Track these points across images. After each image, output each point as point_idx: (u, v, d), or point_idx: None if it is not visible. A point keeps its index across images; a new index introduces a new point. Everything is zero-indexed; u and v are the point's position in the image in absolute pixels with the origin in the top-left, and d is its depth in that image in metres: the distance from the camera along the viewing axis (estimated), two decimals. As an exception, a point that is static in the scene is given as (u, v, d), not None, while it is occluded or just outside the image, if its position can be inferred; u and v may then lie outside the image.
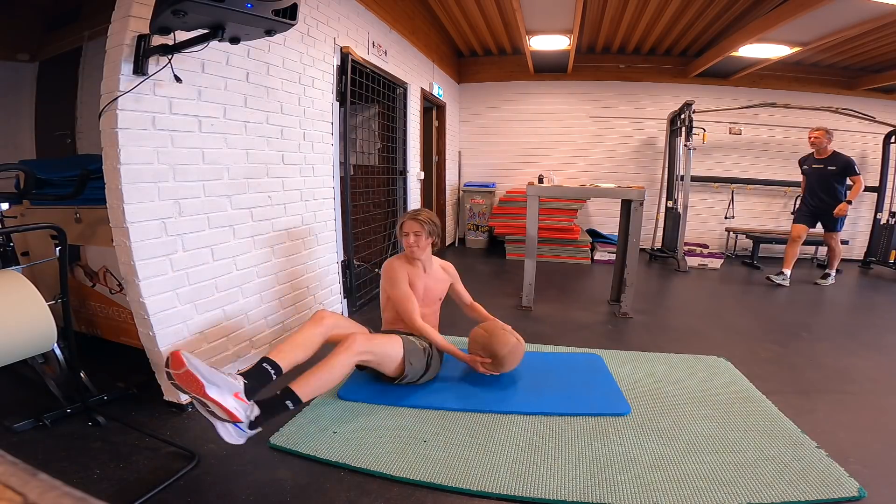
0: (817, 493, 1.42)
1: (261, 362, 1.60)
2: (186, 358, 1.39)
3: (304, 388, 1.61)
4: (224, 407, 1.39)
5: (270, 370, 1.59)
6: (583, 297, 3.88)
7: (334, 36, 2.88)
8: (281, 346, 1.69)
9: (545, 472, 1.53)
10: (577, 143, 6.25)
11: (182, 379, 1.38)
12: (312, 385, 1.64)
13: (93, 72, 2.68)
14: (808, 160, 4.40)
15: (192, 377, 1.37)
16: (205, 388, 1.38)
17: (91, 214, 2.13)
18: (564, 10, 3.90)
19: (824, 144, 4.18)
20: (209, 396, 1.38)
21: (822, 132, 4.17)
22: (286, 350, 1.68)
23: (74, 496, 0.28)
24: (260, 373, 1.57)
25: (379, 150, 3.98)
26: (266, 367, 1.59)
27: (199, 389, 1.37)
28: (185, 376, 1.37)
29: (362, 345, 1.78)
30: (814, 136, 4.21)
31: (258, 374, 1.56)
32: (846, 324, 3.41)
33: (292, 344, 1.72)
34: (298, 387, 1.60)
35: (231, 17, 1.38)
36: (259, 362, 1.60)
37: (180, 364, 1.38)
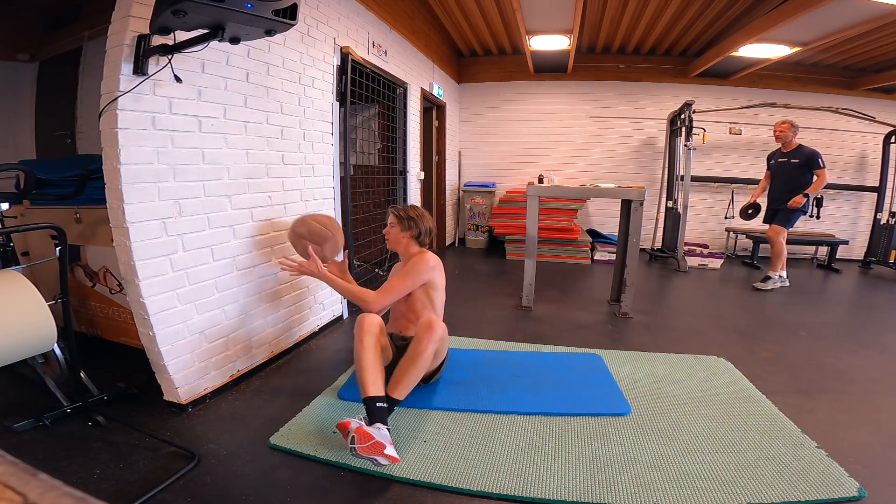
0: (817, 493, 1.42)
1: (372, 403, 1.64)
2: (370, 430, 1.50)
3: (404, 391, 1.74)
4: (393, 458, 1.50)
5: (384, 405, 1.66)
6: (583, 297, 3.88)
7: (334, 36, 2.88)
8: (367, 379, 1.68)
9: (545, 472, 1.53)
10: (577, 143, 6.25)
11: (368, 449, 1.47)
12: (410, 385, 1.76)
13: (93, 72, 2.68)
14: (774, 155, 4.31)
15: (377, 445, 1.47)
16: (385, 449, 1.49)
17: (91, 214, 2.13)
18: (564, 10, 3.90)
19: (790, 138, 4.09)
20: (387, 455, 1.49)
21: (788, 125, 4.07)
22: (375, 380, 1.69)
23: (74, 496, 0.28)
24: (380, 412, 1.63)
25: (379, 150, 3.98)
26: (380, 405, 1.64)
27: (380, 451, 1.48)
28: (372, 447, 1.47)
29: (441, 330, 1.84)
30: (779, 130, 4.12)
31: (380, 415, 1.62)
32: (846, 324, 3.41)
33: (373, 371, 1.71)
34: (398, 392, 1.73)
35: (231, 17, 1.38)
36: (370, 403, 1.64)
37: (368, 437, 1.48)
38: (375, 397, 1.64)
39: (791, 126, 4.07)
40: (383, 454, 1.48)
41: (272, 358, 2.39)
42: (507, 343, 2.70)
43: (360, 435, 1.48)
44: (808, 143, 5.79)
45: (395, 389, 1.72)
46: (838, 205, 5.93)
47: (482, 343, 2.68)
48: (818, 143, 5.81)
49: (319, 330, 2.84)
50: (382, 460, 1.49)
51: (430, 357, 1.78)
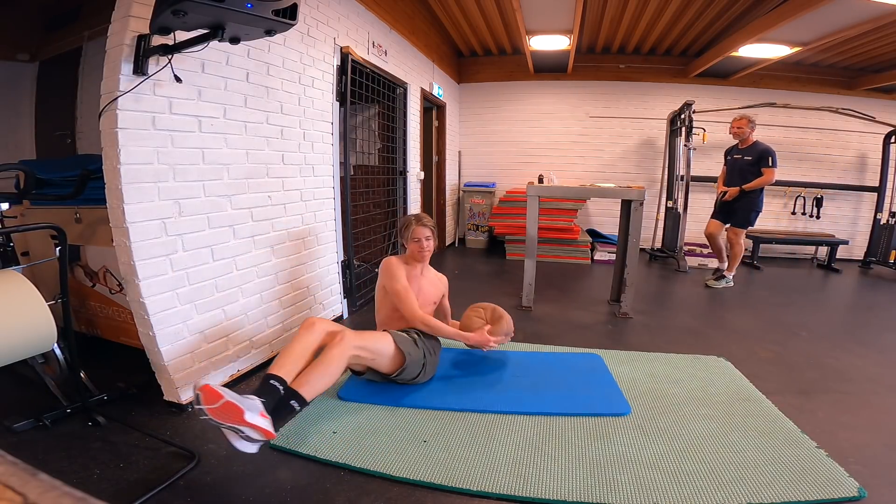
0: (817, 493, 1.42)
1: (267, 379, 1.60)
2: (220, 390, 1.38)
3: (306, 388, 1.63)
4: (261, 428, 1.39)
5: (278, 385, 1.60)
6: (583, 297, 3.88)
7: (334, 36, 2.88)
8: (280, 361, 1.68)
9: (545, 472, 1.53)
10: (577, 143, 6.25)
11: (220, 411, 1.35)
12: (313, 383, 1.65)
13: (93, 72, 2.68)
14: (731, 151, 4.21)
15: (231, 406, 1.36)
16: (244, 414, 1.36)
17: (91, 214, 2.13)
18: (564, 10, 3.90)
19: (747, 134, 3.99)
20: (248, 422, 1.37)
21: (745, 121, 3.96)
22: (286, 363, 1.68)
23: (74, 496, 0.28)
24: (270, 390, 1.57)
25: (379, 150, 3.98)
26: (274, 383, 1.60)
27: (238, 417, 1.35)
28: (223, 408, 1.35)
29: (353, 339, 1.79)
30: (735, 127, 4.01)
31: (269, 391, 1.56)
32: (846, 324, 3.42)
33: (291, 356, 1.70)
34: (300, 386, 1.62)
35: (231, 17, 1.38)
36: (265, 379, 1.61)
37: (217, 397, 1.36)
38: (273, 374, 1.61)
39: (748, 122, 3.97)
40: (244, 421, 1.35)
41: (272, 358, 2.38)
42: (507, 343, 2.69)
43: (204, 393, 1.32)
44: (808, 143, 5.85)
45: (299, 381, 1.64)
46: (838, 205, 5.93)
47: (482, 343, 2.68)
48: (818, 143, 5.84)
49: (319, 330, 2.84)
50: (250, 431, 1.36)
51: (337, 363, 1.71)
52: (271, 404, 1.53)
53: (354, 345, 1.78)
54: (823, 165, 5.87)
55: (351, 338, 1.78)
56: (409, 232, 2.24)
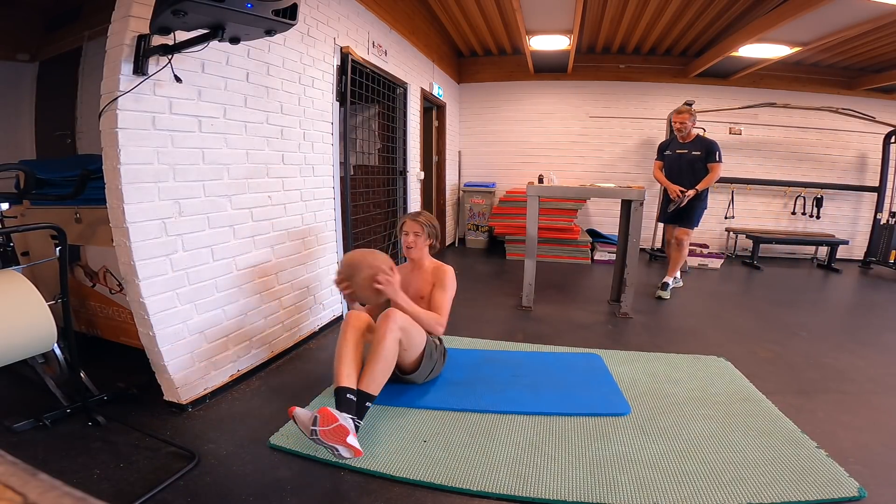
0: (817, 493, 1.42)
1: (343, 394, 1.63)
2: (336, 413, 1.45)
3: (373, 385, 1.70)
4: (355, 448, 1.47)
5: (352, 397, 1.64)
6: (583, 297, 3.88)
7: (334, 36, 2.88)
8: (342, 370, 1.70)
9: (545, 472, 1.53)
10: (577, 143, 6.25)
11: (331, 433, 1.42)
12: (377, 378, 1.71)
13: (93, 72, 2.68)
14: (670, 145, 3.87)
15: (340, 429, 1.43)
16: (348, 437, 1.44)
17: (91, 214, 2.13)
18: (564, 10, 3.90)
19: (689, 128, 3.72)
20: (348, 444, 1.45)
21: (688, 114, 3.68)
22: (349, 372, 1.70)
23: (74, 496, 0.28)
24: (349, 403, 1.62)
25: (379, 150, 3.98)
26: (350, 397, 1.63)
27: (342, 439, 1.43)
28: (335, 430, 1.42)
29: (401, 319, 1.81)
30: (679, 122, 3.70)
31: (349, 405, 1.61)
32: (846, 324, 3.42)
33: (349, 363, 1.73)
34: (367, 386, 1.68)
35: (231, 17, 1.38)
36: (340, 394, 1.64)
37: (332, 419, 1.43)
38: (346, 388, 1.64)
39: (690, 115, 3.70)
40: (345, 443, 1.43)
41: (272, 358, 2.39)
42: (507, 343, 2.69)
43: (323, 416, 1.43)
44: (808, 143, 5.85)
45: (363, 382, 1.70)
46: (838, 205, 5.94)
47: (482, 343, 2.68)
48: (818, 143, 5.84)
49: (319, 330, 2.85)
50: (344, 451, 1.45)
51: (392, 346, 1.75)
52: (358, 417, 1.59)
53: (401, 324, 1.81)
54: (823, 165, 5.87)
55: (400, 318, 1.80)
56: (401, 225, 2.26)
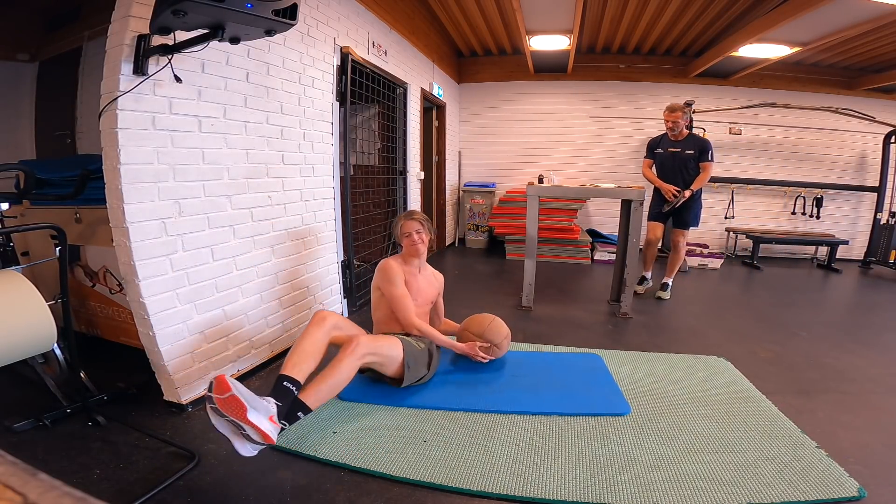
0: (817, 493, 1.42)
1: (280, 381, 1.60)
2: (232, 383, 1.38)
3: (314, 397, 1.64)
4: (262, 430, 1.38)
5: (291, 387, 1.60)
6: (583, 297, 3.88)
7: (334, 36, 2.88)
8: (292, 359, 1.68)
9: (545, 472, 1.53)
10: (577, 143, 6.25)
11: (225, 403, 1.36)
12: (322, 393, 1.66)
13: (93, 72, 2.68)
14: (662, 142, 3.74)
15: (236, 401, 1.36)
16: (247, 412, 1.36)
17: (91, 214, 2.13)
18: (564, 10, 3.90)
19: (682, 126, 3.62)
20: (249, 421, 1.36)
21: (680, 112, 3.58)
22: (298, 362, 1.67)
23: (74, 496, 0.28)
24: (283, 392, 1.57)
25: (379, 150, 3.98)
26: (287, 385, 1.60)
27: (241, 414, 1.36)
28: (229, 401, 1.36)
29: (366, 346, 1.79)
30: (671, 121, 3.58)
31: (282, 394, 1.57)
32: (846, 324, 3.42)
33: (302, 354, 1.70)
34: (307, 396, 1.63)
35: (231, 17, 1.38)
36: (279, 381, 1.61)
37: (226, 388, 1.36)
38: (288, 377, 1.61)
39: (683, 113, 3.60)
40: (247, 419, 1.34)
41: (272, 358, 2.39)
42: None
43: (218, 383, 1.34)
44: (808, 143, 5.85)
45: (306, 392, 1.63)
46: (838, 205, 5.94)
47: (482, 343, 2.68)
48: (818, 143, 5.84)
49: (319, 330, 2.84)
50: (251, 432, 1.36)
51: (347, 371, 1.71)
52: (285, 408, 1.54)
53: (366, 352, 1.79)
54: (823, 165, 5.87)
55: (364, 346, 1.78)
56: (399, 229, 2.27)
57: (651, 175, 3.81)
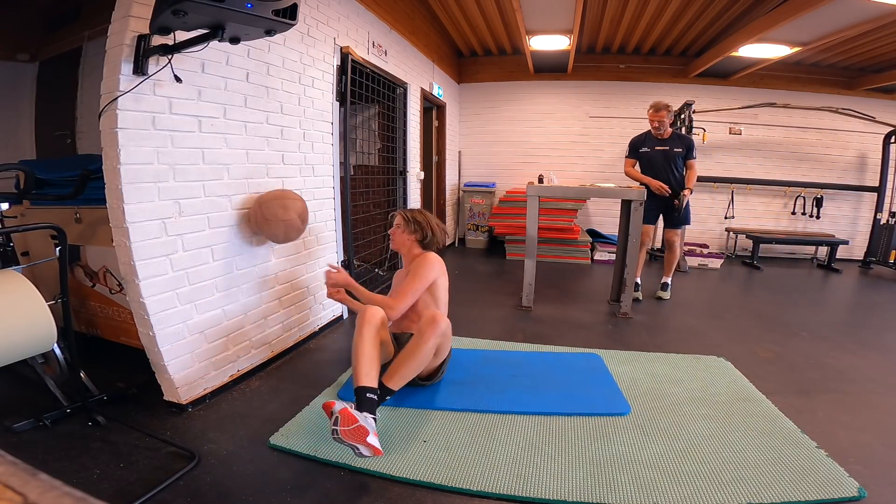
0: (817, 493, 1.42)
1: (363, 394, 1.61)
2: (356, 414, 1.45)
3: (398, 381, 1.73)
4: (374, 447, 1.46)
5: (374, 397, 1.63)
6: (583, 297, 3.88)
7: (334, 36, 2.88)
8: (362, 368, 1.67)
9: (545, 472, 1.53)
10: (577, 143, 6.25)
11: (351, 433, 1.43)
12: (407, 376, 1.75)
13: (93, 72, 2.68)
14: (647, 141, 3.67)
15: (360, 430, 1.43)
16: (367, 436, 1.44)
17: (91, 214, 2.13)
18: (564, 10, 3.90)
19: (667, 125, 3.57)
20: (368, 443, 1.44)
21: (666, 112, 3.51)
22: (369, 370, 1.68)
23: (74, 496, 0.28)
24: (370, 404, 1.60)
25: (379, 150, 3.98)
26: (370, 396, 1.62)
27: (362, 439, 1.43)
28: (354, 431, 1.43)
29: (444, 325, 1.82)
30: (657, 120, 3.51)
31: (370, 407, 1.59)
32: (846, 324, 3.42)
33: (367, 361, 1.70)
34: (392, 381, 1.71)
35: (231, 17, 1.38)
36: (361, 394, 1.61)
37: (352, 420, 1.43)
38: (367, 388, 1.63)
39: (668, 112, 3.52)
40: (366, 442, 1.44)
41: (272, 358, 2.39)
42: (507, 343, 2.70)
43: (343, 417, 1.43)
44: (808, 143, 5.85)
45: (391, 379, 1.71)
46: (838, 205, 5.94)
47: (482, 343, 2.68)
48: (818, 143, 5.85)
49: (319, 330, 2.84)
50: (364, 450, 1.45)
51: (430, 351, 1.78)
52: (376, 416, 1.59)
53: (445, 332, 1.83)
54: (823, 165, 5.88)
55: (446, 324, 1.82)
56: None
57: (636, 173, 3.74)
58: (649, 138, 3.67)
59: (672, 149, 3.59)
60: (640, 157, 3.72)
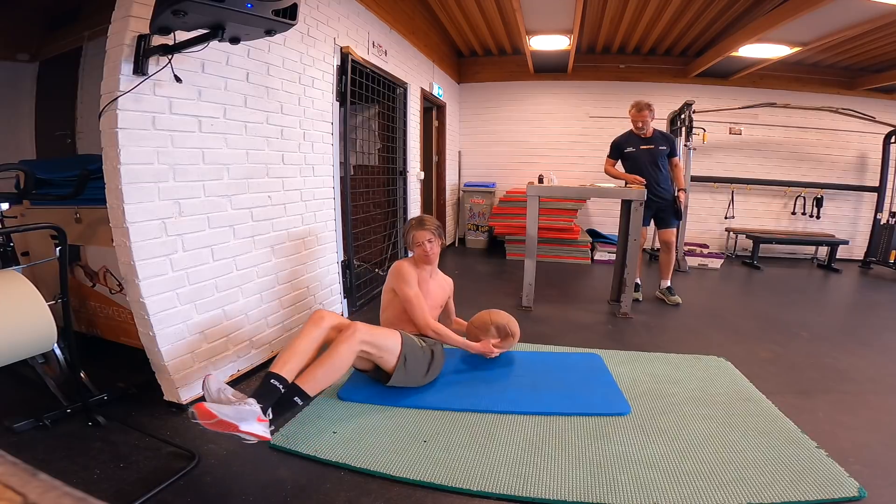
0: (817, 493, 1.42)
1: (267, 378, 1.60)
2: (212, 408, 1.40)
3: (311, 384, 1.64)
4: (255, 434, 1.42)
5: (278, 385, 1.60)
6: (583, 297, 3.88)
7: (334, 36, 2.88)
8: (283, 357, 1.68)
9: (545, 472, 1.53)
10: (577, 143, 6.25)
11: (216, 426, 1.40)
12: (318, 379, 1.67)
13: (93, 72, 2.67)
14: (630, 141, 3.61)
15: (224, 423, 1.39)
16: (239, 427, 1.40)
17: (91, 214, 2.13)
18: (564, 10, 3.90)
19: (650, 124, 3.53)
20: (244, 431, 1.41)
21: (648, 111, 3.47)
22: (289, 360, 1.67)
23: (74, 496, 0.28)
24: (269, 390, 1.57)
25: (379, 150, 3.98)
26: (274, 382, 1.59)
27: (234, 429, 1.40)
28: (218, 424, 1.39)
29: (364, 333, 1.79)
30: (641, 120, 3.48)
31: (268, 393, 1.57)
32: (846, 324, 3.42)
33: (293, 352, 1.70)
34: (304, 382, 1.63)
35: (231, 17, 1.38)
36: (266, 379, 1.60)
37: (210, 416, 1.39)
38: (276, 374, 1.61)
39: (651, 111, 3.48)
40: (240, 431, 1.40)
41: (272, 358, 2.38)
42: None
43: (199, 412, 1.39)
44: (808, 143, 5.85)
45: (303, 377, 1.65)
46: (838, 205, 5.94)
47: (482, 343, 2.68)
48: (818, 143, 5.85)
49: (319, 330, 2.84)
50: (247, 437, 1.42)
51: (345, 357, 1.73)
52: (271, 404, 1.54)
53: (362, 339, 1.78)
54: (823, 165, 5.88)
55: (362, 332, 1.78)
56: (411, 237, 2.26)
57: (617, 171, 3.70)
58: (632, 138, 3.62)
59: (657, 147, 3.55)
60: (625, 157, 3.67)
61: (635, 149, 3.60)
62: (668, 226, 3.65)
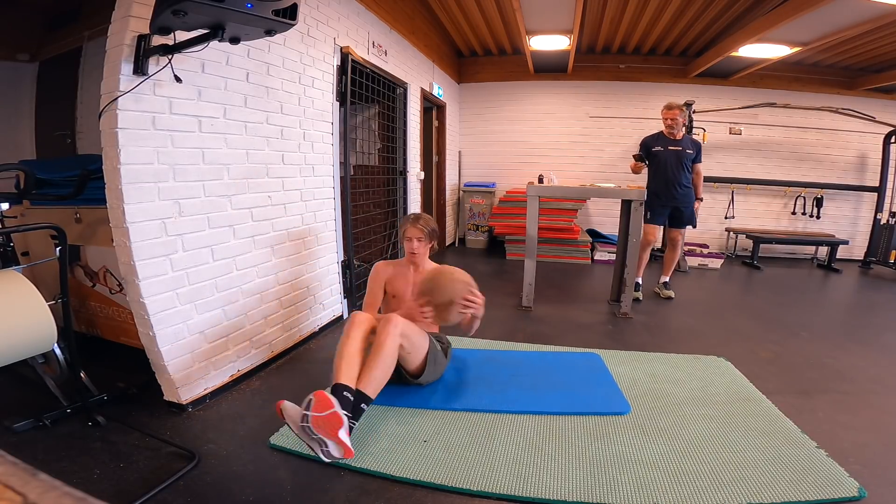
0: (817, 493, 1.42)
1: (341, 391, 1.60)
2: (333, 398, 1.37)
3: (372, 386, 1.67)
4: (347, 446, 1.41)
5: (349, 395, 1.61)
6: (583, 297, 3.88)
7: (334, 36, 2.88)
8: (341, 367, 1.67)
9: (545, 472, 1.53)
10: (577, 143, 6.25)
11: (322, 420, 1.35)
12: (378, 379, 1.70)
13: (93, 72, 2.67)
14: (659, 142, 3.69)
15: (331, 420, 1.35)
16: (340, 429, 1.38)
17: (91, 214, 2.13)
18: (564, 10, 3.90)
19: (681, 124, 3.63)
20: (339, 439, 1.39)
21: (678, 110, 3.57)
22: (347, 368, 1.68)
23: (74, 496, 0.28)
24: (347, 403, 1.58)
25: (379, 150, 3.98)
26: (347, 395, 1.60)
27: (334, 431, 1.36)
28: (326, 419, 1.35)
29: (403, 325, 1.81)
30: (670, 119, 3.58)
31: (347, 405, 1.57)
32: (846, 324, 3.42)
33: (351, 361, 1.70)
34: (366, 386, 1.66)
35: (231, 17, 1.38)
36: (339, 391, 1.59)
37: (328, 405, 1.35)
38: (344, 385, 1.62)
39: (682, 111, 3.59)
40: (337, 437, 1.38)
41: (272, 358, 2.39)
42: (507, 343, 2.70)
43: (318, 399, 1.33)
44: (808, 143, 5.86)
45: (362, 382, 1.67)
46: (838, 205, 5.94)
47: (482, 343, 2.68)
48: (818, 143, 5.85)
49: (319, 330, 2.84)
50: (334, 448, 1.40)
51: (392, 350, 1.75)
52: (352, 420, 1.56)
53: (402, 332, 1.81)
54: (823, 165, 5.88)
55: (401, 325, 1.80)
56: (402, 231, 2.26)
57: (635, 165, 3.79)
58: (661, 138, 3.70)
59: (684, 150, 3.65)
60: (652, 156, 3.75)
61: (663, 148, 3.68)
62: (678, 225, 3.76)
